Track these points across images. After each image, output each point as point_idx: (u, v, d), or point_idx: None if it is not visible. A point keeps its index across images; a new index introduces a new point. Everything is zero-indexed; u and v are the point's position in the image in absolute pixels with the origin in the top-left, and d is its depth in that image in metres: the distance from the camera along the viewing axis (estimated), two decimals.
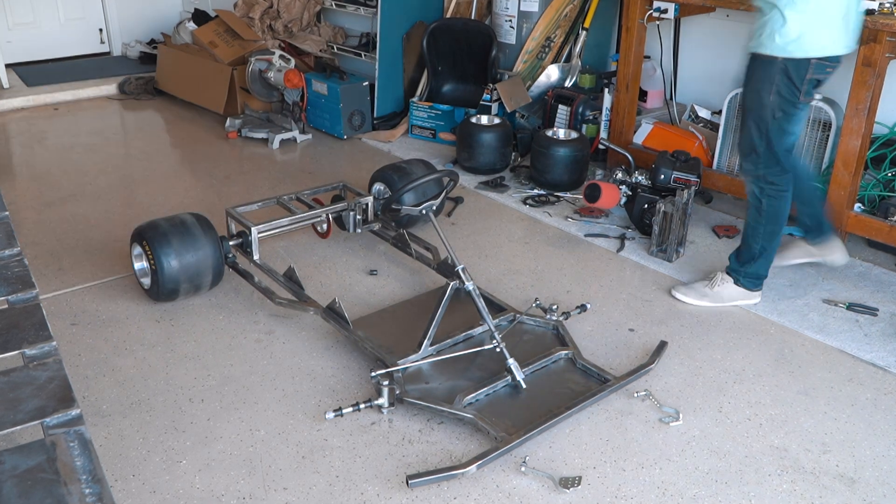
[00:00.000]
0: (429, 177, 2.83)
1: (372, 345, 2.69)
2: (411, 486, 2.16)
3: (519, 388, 2.54)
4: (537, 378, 2.60)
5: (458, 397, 2.46)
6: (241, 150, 5.06)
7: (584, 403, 2.47)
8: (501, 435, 2.31)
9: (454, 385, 2.55)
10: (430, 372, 2.63)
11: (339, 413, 2.43)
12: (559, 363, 2.69)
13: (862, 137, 3.34)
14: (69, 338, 2.93)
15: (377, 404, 2.46)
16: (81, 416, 1.25)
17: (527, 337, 2.83)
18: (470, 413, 2.40)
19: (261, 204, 3.54)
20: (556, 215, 4.01)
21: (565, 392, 2.54)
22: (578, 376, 2.63)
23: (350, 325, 2.78)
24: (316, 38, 6.00)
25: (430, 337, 2.64)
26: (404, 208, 2.91)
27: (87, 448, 1.19)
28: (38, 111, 5.89)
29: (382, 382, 2.46)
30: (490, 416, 2.40)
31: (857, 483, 2.26)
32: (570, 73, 4.93)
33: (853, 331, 2.98)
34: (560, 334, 2.81)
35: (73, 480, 1.12)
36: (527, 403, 2.49)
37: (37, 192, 4.34)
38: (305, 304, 2.94)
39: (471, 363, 2.67)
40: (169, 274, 2.98)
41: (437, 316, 2.63)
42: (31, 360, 1.46)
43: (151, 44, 7.03)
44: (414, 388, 2.54)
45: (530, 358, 2.65)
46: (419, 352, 2.64)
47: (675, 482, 2.25)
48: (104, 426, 2.46)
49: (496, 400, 2.51)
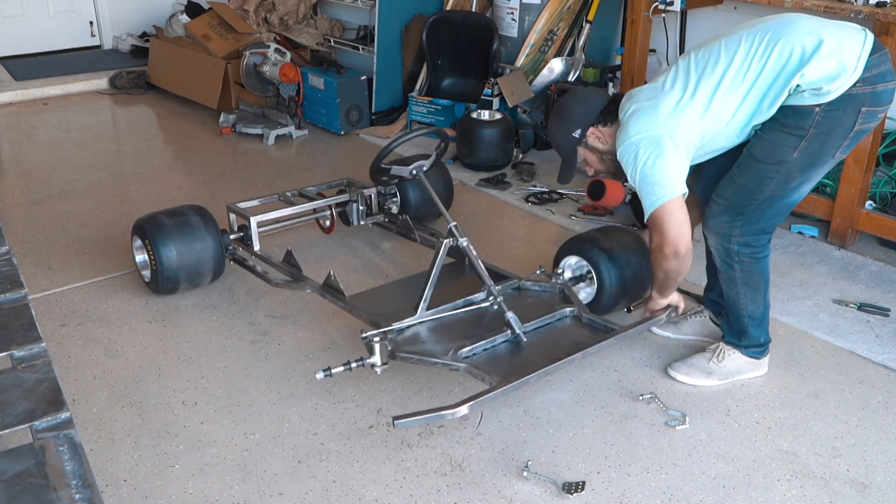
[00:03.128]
0: (414, 133, 2.78)
1: (368, 312, 2.66)
2: (396, 427, 2.11)
3: (520, 343, 2.47)
4: (540, 334, 2.53)
5: (452, 350, 2.40)
6: (235, 146, 5.06)
7: (588, 350, 2.39)
8: (496, 379, 2.24)
9: (452, 344, 2.47)
10: (427, 334, 2.57)
11: (328, 373, 2.35)
12: (564, 320, 2.62)
13: (873, 133, 3.34)
14: (59, 339, 2.93)
15: (369, 363, 2.38)
16: (71, 419, 1.25)
17: (531, 301, 2.76)
18: (464, 363, 2.33)
19: (262, 199, 3.57)
20: (558, 213, 4.01)
21: (569, 344, 2.45)
22: (584, 330, 2.56)
23: (346, 297, 2.77)
24: (312, 31, 6.00)
25: (427, 299, 2.59)
26: (394, 168, 2.88)
27: (77, 452, 1.19)
28: (27, 106, 5.89)
29: (374, 339, 2.37)
30: (486, 367, 2.33)
31: (868, 488, 2.26)
32: (573, 67, 4.93)
33: (864, 332, 2.98)
34: (566, 296, 2.74)
35: (63, 485, 1.12)
36: (527, 356, 2.42)
37: (26, 190, 4.34)
38: (303, 283, 2.95)
39: (471, 326, 2.60)
40: (169, 267, 3.01)
41: (432, 275, 2.58)
42: (20, 362, 1.46)
43: (143, 37, 7.03)
44: (409, 348, 2.47)
45: (533, 316, 2.58)
46: (415, 315, 2.59)
47: (682, 487, 2.25)
48: (94, 430, 2.46)
49: (495, 354, 2.43)
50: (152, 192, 4.30)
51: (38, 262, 3.51)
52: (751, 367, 2.69)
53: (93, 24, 7.22)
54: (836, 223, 3.57)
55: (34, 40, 6.94)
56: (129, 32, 7.15)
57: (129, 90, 6.18)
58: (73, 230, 3.84)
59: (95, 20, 7.22)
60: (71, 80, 6.22)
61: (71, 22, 7.13)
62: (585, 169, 2.70)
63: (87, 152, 4.91)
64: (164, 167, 4.72)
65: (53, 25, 7.04)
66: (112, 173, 4.62)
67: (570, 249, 2.91)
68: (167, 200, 4.15)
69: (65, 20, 7.09)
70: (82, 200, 4.19)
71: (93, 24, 7.22)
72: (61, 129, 5.38)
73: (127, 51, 7.00)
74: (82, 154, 4.88)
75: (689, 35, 4.51)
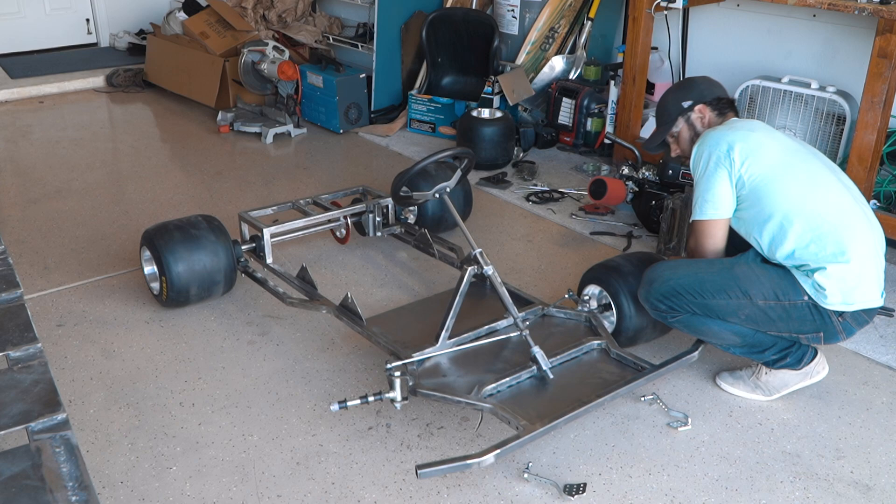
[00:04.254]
0: (438, 155, 2.71)
1: (386, 339, 2.59)
2: (420, 477, 2.07)
3: (546, 380, 2.40)
4: (566, 369, 2.47)
5: (476, 388, 2.33)
6: (233, 144, 5.06)
7: (618, 391, 2.32)
8: (523, 423, 2.16)
9: (475, 379, 2.40)
10: (448, 366, 2.51)
11: (343, 405, 2.27)
12: (591, 354, 2.56)
13: (878, 131, 3.34)
14: (55, 340, 2.93)
15: (389, 397, 2.29)
16: (68, 420, 1.25)
17: (556, 330, 2.69)
18: (489, 403, 2.27)
19: (276, 208, 3.48)
20: (560, 212, 4.01)
21: (597, 382, 2.39)
22: (612, 366, 2.50)
23: (363, 321, 2.70)
24: (311, 29, 5.99)
25: (448, 328, 2.53)
26: (415, 195, 2.82)
27: (73, 454, 1.19)
28: (23, 104, 5.89)
29: (394, 374, 2.29)
30: (512, 407, 2.26)
31: (872, 490, 2.26)
32: (574, 64, 4.93)
33: (868, 332, 2.98)
34: (593, 326, 2.68)
35: (59, 487, 1.12)
36: (554, 394, 2.36)
37: (21, 189, 4.34)
38: (318, 302, 2.88)
39: (494, 357, 2.54)
40: (179, 281, 2.93)
41: (454, 305, 2.52)
42: (16, 363, 1.46)
43: (140, 34, 7.03)
44: (430, 381, 2.41)
45: (559, 349, 2.52)
46: (436, 345, 2.53)
47: (684, 489, 2.25)
48: (91, 431, 2.46)
49: (520, 392, 2.37)
50: (149, 191, 4.30)
51: (34, 261, 3.51)
52: (798, 377, 2.60)
53: (89, 21, 7.22)
54: None
55: (30, 38, 6.94)
56: (126, 30, 7.14)
57: (125, 88, 6.18)
58: (69, 229, 3.83)
59: (92, 17, 7.21)
60: (67, 78, 6.22)
61: (67, 19, 7.13)
62: (672, 145, 2.78)
63: (83, 151, 4.91)
64: (161, 166, 4.72)
65: (50, 23, 7.03)
66: (109, 172, 4.62)
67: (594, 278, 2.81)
68: (165, 199, 4.15)
69: (61, 17, 7.09)
70: (79, 199, 4.18)
71: (89, 22, 7.22)
72: (57, 128, 5.38)
73: (124, 48, 6.99)
74: (79, 153, 4.88)
75: (691, 33, 4.51)
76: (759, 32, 4.30)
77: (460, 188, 3.56)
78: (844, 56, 3.94)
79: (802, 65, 4.10)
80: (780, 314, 2.40)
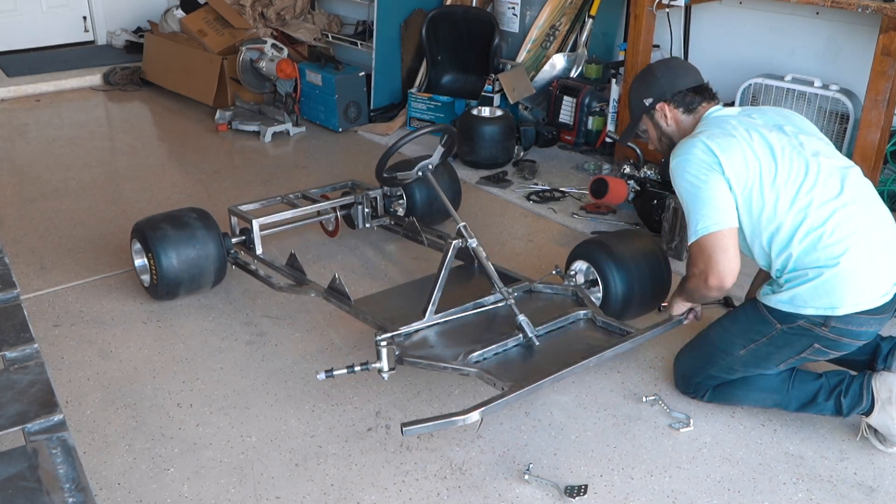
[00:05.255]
0: (419, 132, 2.75)
1: (375, 317, 2.63)
2: (405, 434, 2.09)
3: (532, 347, 2.44)
4: (553, 337, 2.50)
5: (462, 355, 2.37)
6: (231, 143, 5.06)
7: (603, 354, 2.35)
8: (509, 384, 2.21)
9: (462, 349, 2.44)
10: (435, 339, 2.55)
11: (330, 374, 2.32)
12: (577, 323, 2.59)
13: (881, 130, 3.34)
14: (52, 340, 2.93)
15: (376, 367, 2.33)
16: (64, 421, 1.25)
17: (543, 304, 2.73)
18: (475, 368, 2.31)
19: (264, 202, 3.54)
20: (560, 212, 4.01)
21: (583, 347, 2.43)
22: (599, 333, 2.54)
23: (351, 301, 2.75)
24: (310, 27, 5.99)
25: (435, 302, 2.56)
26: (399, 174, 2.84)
27: (70, 455, 1.19)
28: (20, 103, 5.89)
29: (381, 344, 2.33)
30: (498, 371, 2.30)
31: (876, 492, 2.26)
32: (575, 62, 4.93)
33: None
34: (579, 299, 2.72)
35: (56, 489, 1.12)
36: (540, 360, 2.39)
37: (18, 188, 4.34)
38: (306, 286, 2.93)
39: (481, 329, 2.57)
40: (169, 273, 2.98)
41: (440, 278, 2.56)
42: (12, 363, 1.46)
43: (138, 32, 7.02)
44: (417, 352, 2.45)
45: (546, 319, 2.55)
46: (423, 319, 2.56)
47: (686, 491, 2.25)
48: (88, 432, 2.46)
49: (507, 358, 2.40)
50: (147, 190, 4.30)
51: (31, 261, 3.51)
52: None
53: (86, 19, 7.21)
54: None
55: (26, 35, 6.93)
56: (124, 27, 7.14)
57: (123, 86, 6.18)
58: (66, 229, 3.83)
59: (89, 15, 7.20)
60: (64, 77, 6.21)
61: (64, 17, 7.12)
62: (647, 139, 2.64)
63: (80, 150, 4.91)
64: (158, 165, 4.72)
65: (46, 20, 7.03)
66: (106, 171, 4.62)
67: (581, 254, 2.87)
68: (162, 199, 4.15)
69: (58, 15, 7.08)
70: (76, 199, 4.18)
71: (86, 20, 7.21)
72: (54, 127, 5.38)
73: (121, 46, 6.99)
74: (75, 151, 4.88)
75: (693, 30, 4.51)
76: (762, 30, 4.30)
77: (445, 172, 3.59)
78: (848, 54, 3.94)
79: (805, 63, 4.10)
80: (767, 350, 2.35)
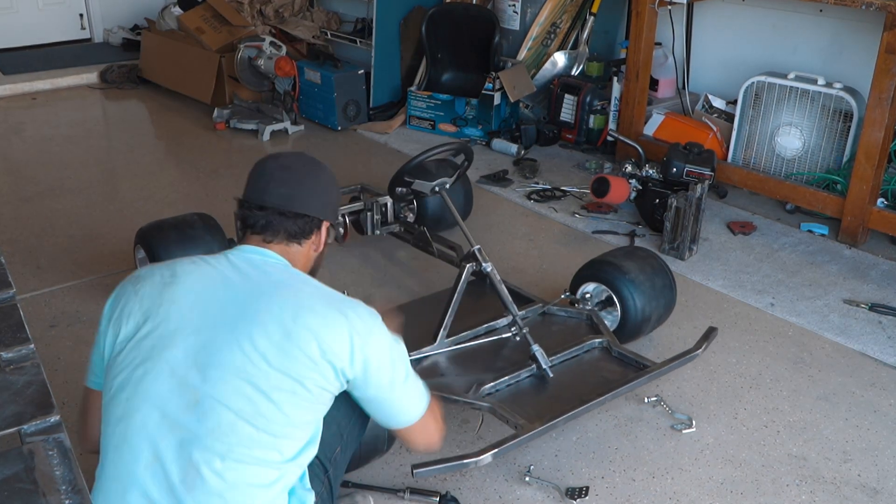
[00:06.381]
0: (435, 151, 2.71)
1: None
2: (415, 476, 2.06)
3: (545, 378, 2.40)
4: (567, 368, 2.47)
5: (474, 387, 2.34)
6: (229, 142, 5.06)
7: (619, 390, 2.32)
8: (521, 422, 2.16)
9: (473, 378, 2.40)
10: (446, 365, 2.51)
11: None
12: (592, 352, 2.56)
13: (885, 129, 3.34)
14: (48, 340, 2.92)
15: None
16: (61, 422, 1.25)
17: (556, 328, 2.70)
18: (487, 402, 2.27)
19: None
20: (562, 211, 4.01)
21: (598, 381, 2.39)
22: (614, 365, 2.50)
23: None
24: (308, 24, 5.99)
25: (447, 327, 2.53)
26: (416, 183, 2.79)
27: (67, 457, 1.18)
28: (15, 101, 5.88)
29: None
30: (511, 406, 2.25)
31: (879, 494, 2.26)
32: (576, 60, 4.92)
33: (876, 333, 2.98)
34: (594, 324, 2.69)
35: (53, 491, 1.11)
36: (553, 393, 2.36)
37: (13, 187, 4.34)
38: None
39: (493, 356, 2.54)
40: None
41: (453, 302, 2.52)
42: (8, 364, 1.46)
43: (135, 30, 7.02)
44: (428, 381, 2.43)
45: (559, 347, 2.52)
46: (434, 343, 2.53)
47: (688, 492, 2.25)
48: None
49: (519, 391, 2.37)
50: (144, 189, 4.29)
51: (27, 261, 3.51)
52: None
53: (83, 16, 7.21)
54: (847, 221, 3.57)
55: (22, 33, 6.93)
56: (121, 25, 7.13)
57: (120, 84, 6.17)
58: (62, 228, 3.83)
59: (85, 12, 7.20)
60: (60, 75, 6.20)
61: (60, 14, 7.12)
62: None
63: (76, 148, 4.91)
64: (156, 164, 4.72)
65: (42, 18, 7.02)
66: (103, 170, 4.62)
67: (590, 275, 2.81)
68: (160, 198, 4.15)
69: (54, 12, 7.08)
70: (72, 198, 4.18)
71: (83, 17, 7.21)
72: (50, 125, 5.38)
73: (118, 44, 6.99)
74: (72, 150, 4.87)
75: (695, 28, 4.51)
76: (765, 28, 4.30)
77: (461, 187, 3.56)
78: (851, 52, 3.94)
79: (809, 61, 4.10)
80: None
